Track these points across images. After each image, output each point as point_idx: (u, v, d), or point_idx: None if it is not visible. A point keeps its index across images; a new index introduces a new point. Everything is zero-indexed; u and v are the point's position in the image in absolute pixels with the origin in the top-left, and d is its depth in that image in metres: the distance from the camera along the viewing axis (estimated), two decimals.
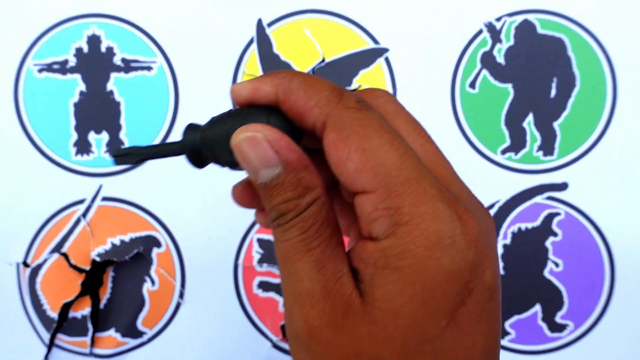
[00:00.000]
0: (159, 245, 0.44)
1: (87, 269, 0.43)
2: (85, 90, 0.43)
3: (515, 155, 0.44)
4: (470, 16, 0.44)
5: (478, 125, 0.44)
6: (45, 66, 0.43)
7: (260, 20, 0.44)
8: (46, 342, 0.43)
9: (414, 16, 0.44)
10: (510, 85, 0.43)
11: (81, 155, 0.44)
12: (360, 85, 0.43)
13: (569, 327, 0.44)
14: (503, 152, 0.44)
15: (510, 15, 0.43)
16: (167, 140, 0.43)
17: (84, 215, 0.44)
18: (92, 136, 0.44)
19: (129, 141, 0.43)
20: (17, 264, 0.44)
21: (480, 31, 0.44)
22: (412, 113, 0.44)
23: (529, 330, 0.44)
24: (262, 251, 0.43)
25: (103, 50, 0.43)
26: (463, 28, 0.44)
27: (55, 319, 0.43)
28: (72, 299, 0.43)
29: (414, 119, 0.21)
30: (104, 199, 0.44)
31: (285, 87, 0.19)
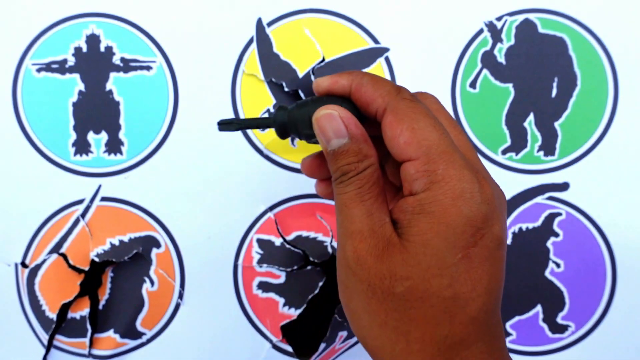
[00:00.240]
0: (159, 246, 0.44)
1: (86, 269, 0.43)
2: (84, 90, 0.43)
3: (516, 155, 0.44)
4: (471, 15, 0.43)
5: (479, 125, 0.44)
6: (44, 66, 0.43)
7: (260, 20, 0.43)
8: (45, 343, 0.43)
9: (414, 16, 0.43)
10: (511, 84, 0.43)
11: (80, 155, 0.43)
12: None
13: (570, 328, 0.44)
14: (504, 152, 0.44)
15: (511, 14, 0.43)
16: (168, 139, 0.43)
17: (83, 215, 0.44)
18: (91, 136, 0.43)
19: (129, 141, 0.43)
20: (16, 265, 0.44)
21: (480, 30, 0.43)
22: None
23: (530, 331, 0.44)
24: (262, 251, 0.43)
25: (102, 49, 0.43)
26: (463, 27, 0.44)
27: (54, 319, 0.43)
28: (71, 299, 0.43)
29: (451, 116, 0.27)
30: (103, 199, 0.44)
31: (358, 82, 0.26)
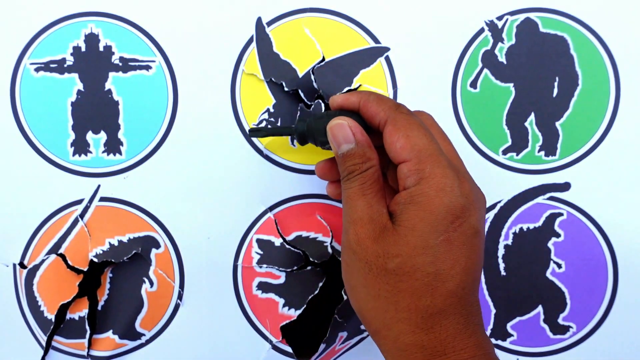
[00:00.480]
0: (158, 246, 0.44)
1: (85, 269, 0.43)
2: (83, 90, 0.43)
3: (516, 155, 0.44)
4: (472, 15, 0.43)
5: (479, 125, 0.44)
6: (43, 65, 0.43)
7: (259, 19, 0.43)
8: (43, 344, 0.43)
9: (414, 15, 0.43)
10: (511, 84, 0.43)
11: (79, 155, 0.43)
12: (360, 85, 0.43)
13: (571, 329, 0.43)
14: (504, 152, 0.44)
15: (512, 13, 0.43)
16: (167, 139, 0.43)
17: (82, 215, 0.43)
18: (90, 136, 0.43)
19: (128, 141, 0.43)
20: (14, 265, 0.43)
21: (481, 30, 0.43)
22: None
23: (531, 332, 0.44)
24: (262, 252, 0.43)
25: (101, 49, 0.43)
26: (464, 27, 0.43)
27: (53, 320, 0.43)
28: (70, 300, 0.43)
29: (442, 130, 0.33)
30: (102, 199, 0.43)
31: (365, 99, 0.32)
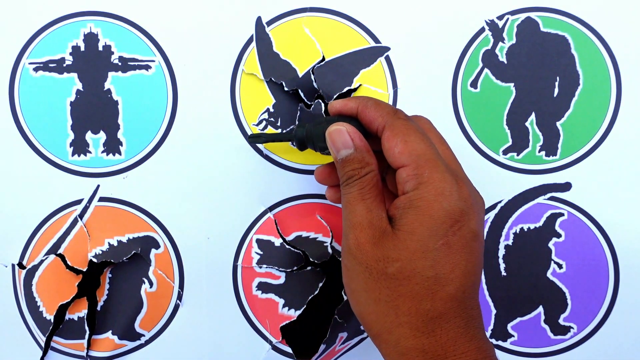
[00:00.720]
0: (157, 246, 0.43)
1: (84, 270, 0.43)
2: (82, 89, 0.43)
3: (517, 155, 0.43)
4: (472, 14, 0.43)
5: (480, 125, 0.43)
6: (42, 65, 0.43)
7: (259, 19, 0.43)
8: (42, 345, 0.43)
9: (415, 15, 0.43)
10: (512, 84, 0.43)
11: (78, 155, 0.43)
12: (360, 85, 0.43)
13: (572, 330, 0.43)
14: (505, 152, 0.43)
15: (513, 13, 0.43)
16: (167, 139, 0.43)
17: (81, 215, 0.43)
18: (89, 136, 0.43)
19: (127, 141, 0.43)
20: (13, 266, 0.43)
21: (482, 29, 0.43)
22: (414, 112, 0.44)
23: (531, 332, 0.43)
24: (262, 252, 0.43)
25: (100, 48, 0.43)
26: (464, 26, 0.43)
27: (52, 320, 0.43)
28: (69, 300, 0.43)
29: (440, 134, 0.33)
30: (102, 199, 0.43)
31: (364, 105, 0.32)
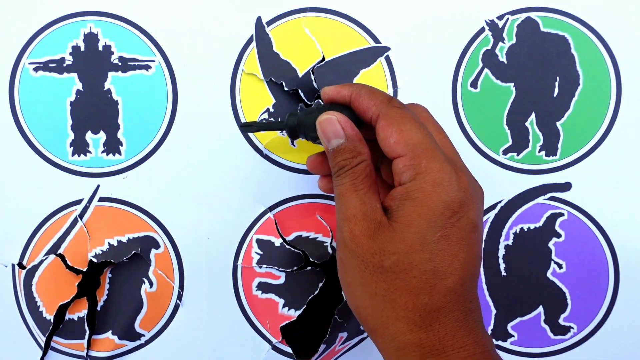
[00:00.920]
0: (157, 246, 0.43)
1: (84, 270, 0.43)
2: (82, 89, 0.43)
3: (517, 155, 0.43)
4: (472, 14, 0.43)
5: (480, 125, 0.43)
6: (42, 65, 0.43)
7: (259, 19, 0.43)
8: (42, 345, 0.43)
9: (415, 15, 0.43)
10: (512, 84, 0.43)
11: (78, 155, 0.43)
12: None
13: (572, 330, 0.43)
14: (505, 152, 0.43)
15: (513, 13, 0.43)
16: (167, 139, 0.43)
17: (81, 215, 0.43)
18: (89, 136, 0.43)
19: (127, 141, 0.43)
20: (13, 266, 0.43)
21: (482, 29, 0.43)
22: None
23: (531, 332, 0.43)
24: (262, 252, 0.43)
25: (100, 48, 0.43)
26: (464, 26, 0.43)
27: (51, 321, 0.43)
28: (69, 300, 0.43)
29: (437, 122, 0.32)
30: (102, 199, 0.43)
31: (357, 92, 0.31)
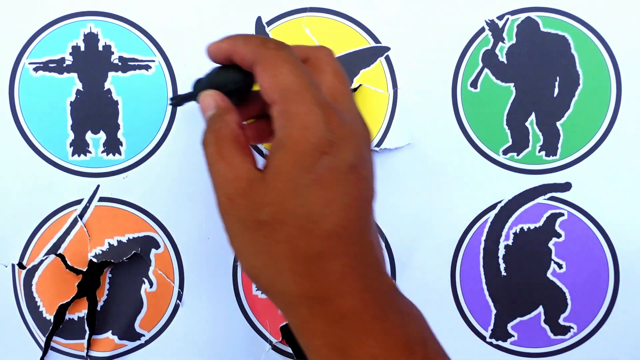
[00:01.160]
0: (157, 246, 0.43)
1: (84, 270, 0.43)
2: (82, 89, 0.43)
3: (517, 155, 0.43)
4: (472, 14, 0.43)
5: (479, 125, 0.43)
6: (42, 65, 0.43)
7: (259, 19, 0.43)
8: (42, 345, 0.43)
9: (415, 15, 0.43)
10: (512, 84, 0.43)
11: (78, 155, 0.43)
12: (360, 85, 0.43)
13: (572, 330, 0.43)
14: (505, 152, 0.43)
15: (513, 13, 0.43)
16: (167, 139, 0.43)
17: (81, 216, 0.43)
18: (89, 136, 0.43)
19: (127, 141, 0.43)
20: (13, 266, 0.43)
21: (482, 29, 0.43)
22: (414, 112, 0.44)
23: (531, 332, 0.43)
24: None
25: (100, 48, 0.43)
26: (464, 26, 0.43)
27: (51, 321, 0.43)
28: (69, 300, 0.43)
29: (338, 67, 0.31)
30: (102, 199, 0.43)
31: (232, 43, 0.30)
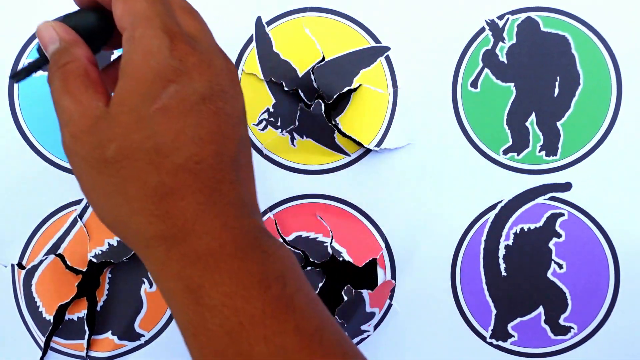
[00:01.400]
0: None
1: (84, 270, 0.43)
2: None
3: (517, 155, 0.43)
4: (472, 14, 0.43)
5: (480, 125, 0.43)
6: None
7: (259, 19, 0.43)
8: (41, 345, 0.43)
9: (415, 15, 0.43)
10: (512, 84, 0.43)
11: None
12: (360, 85, 0.43)
13: (572, 330, 0.43)
14: (505, 152, 0.43)
15: (513, 13, 0.43)
16: None
17: (81, 215, 0.43)
18: None
19: None
20: (13, 266, 0.43)
21: (482, 29, 0.43)
22: (414, 112, 0.43)
23: (532, 332, 0.43)
24: None
25: None
26: (465, 26, 0.43)
27: (51, 321, 0.43)
28: (68, 300, 0.42)
29: (188, 5, 0.30)
30: None
31: None
